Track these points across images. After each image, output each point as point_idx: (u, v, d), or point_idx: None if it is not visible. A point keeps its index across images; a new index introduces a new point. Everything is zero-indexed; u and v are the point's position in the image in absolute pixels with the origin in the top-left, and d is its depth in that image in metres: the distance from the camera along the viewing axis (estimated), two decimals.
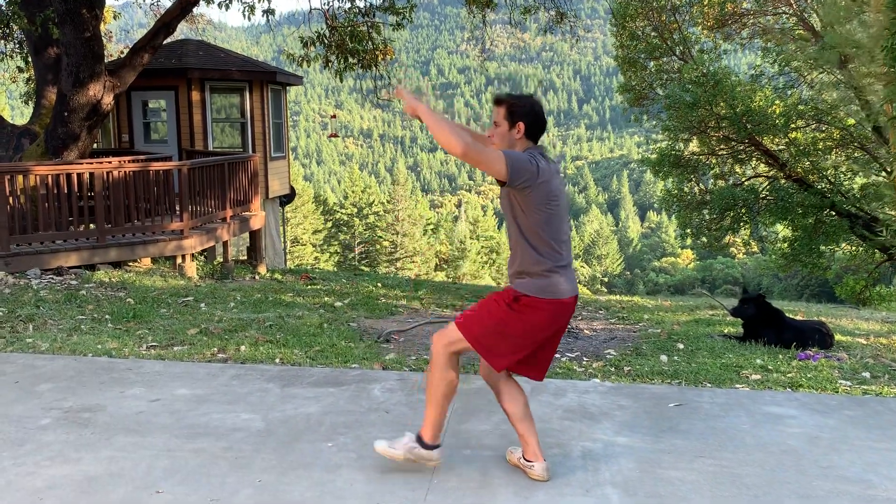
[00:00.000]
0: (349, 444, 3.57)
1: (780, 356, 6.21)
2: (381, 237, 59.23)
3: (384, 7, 12.19)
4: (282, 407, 4.06)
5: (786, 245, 21.43)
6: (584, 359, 6.26)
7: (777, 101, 19.95)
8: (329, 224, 60.89)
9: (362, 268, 53.69)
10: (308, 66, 11.42)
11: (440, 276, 51.47)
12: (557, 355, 6.41)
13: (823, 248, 20.47)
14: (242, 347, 5.95)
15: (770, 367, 5.79)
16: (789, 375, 5.52)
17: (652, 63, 22.18)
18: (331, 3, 12.30)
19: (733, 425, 3.88)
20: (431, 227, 63.19)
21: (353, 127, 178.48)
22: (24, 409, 3.99)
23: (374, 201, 62.18)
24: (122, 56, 14.66)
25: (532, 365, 3.24)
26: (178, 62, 14.72)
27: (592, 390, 4.44)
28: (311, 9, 10.96)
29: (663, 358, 6.12)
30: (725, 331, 7.42)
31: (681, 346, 6.66)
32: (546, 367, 3.28)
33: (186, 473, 3.25)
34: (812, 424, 3.90)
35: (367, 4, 12.51)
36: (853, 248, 21.41)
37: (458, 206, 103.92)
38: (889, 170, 19.25)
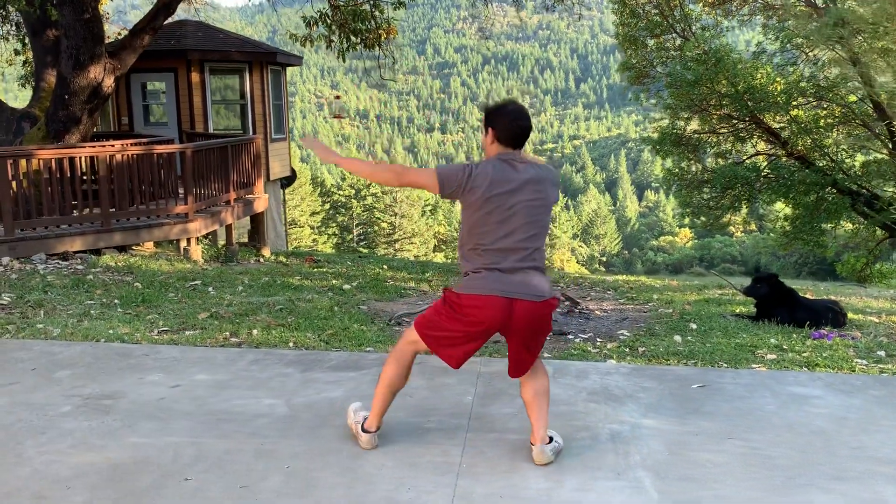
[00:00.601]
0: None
1: (795, 335, 6.20)
2: (379, 218, 59.15)
3: None
4: (304, 392, 4.02)
5: (787, 223, 21.41)
6: (598, 339, 6.24)
7: (778, 79, 19.84)
8: (327, 206, 60.74)
9: (361, 249, 53.59)
10: (312, 46, 11.30)
11: (439, 258, 51.48)
12: (571, 336, 6.40)
13: (825, 225, 20.45)
14: (255, 331, 5.92)
15: (785, 347, 5.77)
16: (805, 355, 5.51)
17: (652, 41, 22.01)
18: None
19: (759, 406, 3.86)
20: (430, 207, 63.08)
21: (349, 107, 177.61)
22: (44, 396, 3.96)
23: (370, 183, 61.98)
24: (120, 38, 14.51)
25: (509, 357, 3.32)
26: (177, 44, 14.57)
27: (615, 372, 4.41)
28: None
29: (677, 338, 6.10)
30: (737, 310, 7.40)
31: (693, 326, 6.64)
32: (512, 365, 3.28)
33: (213, 460, 3.22)
34: (838, 405, 3.88)
35: None
36: (854, 225, 21.40)
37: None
38: (891, 146, 19.18)
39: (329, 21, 11.36)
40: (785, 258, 37.69)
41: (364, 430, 3.36)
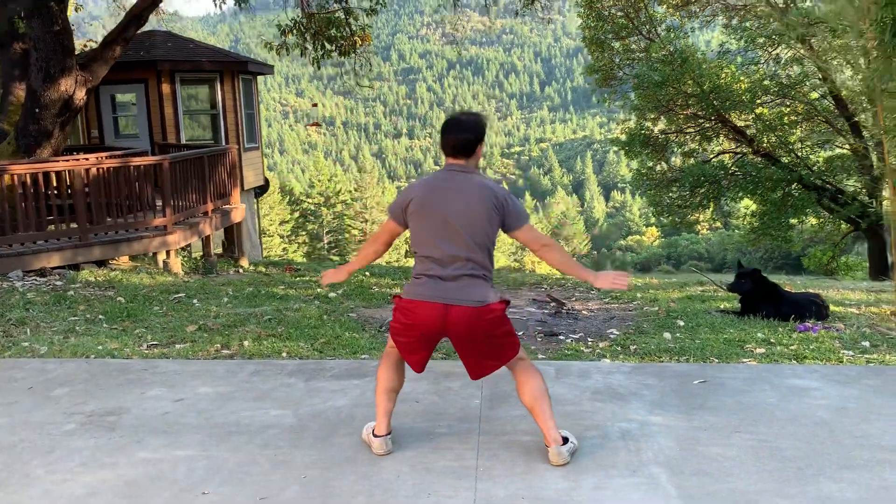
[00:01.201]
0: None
1: (780, 329, 6.32)
2: (349, 226, 58.92)
3: None
4: (310, 401, 4.01)
5: (755, 219, 21.78)
6: (589, 339, 6.30)
7: (742, 78, 20.20)
8: (296, 214, 60.33)
9: (332, 258, 53.36)
10: (288, 55, 11.25)
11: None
12: (562, 336, 6.45)
13: (792, 221, 20.84)
14: (246, 342, 5.88)
15: (773, 341, 5.88)
16: (792, 348, 5.62)
17: (618, 43, 22.28)
18: None
19: (761, 400, 3.94)
20: None
21: (313, 116, 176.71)
22: (44, 415, 3.89)
23: (340, 190, 61.75)
24: (87, 49, 14.31)
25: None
26: (146, 54, 14.40)
27: (616, 371, 4.47)
28: None
29: (667, 335, 6.18)
30: (721, 306, 7.51)
31: (681, 322, 6.74)
32: (468, 369, 3.32)
33: (228, 473, 3.20)
34: (836, 395, 3.97)
35: None
36: (819, 220, 21.84)
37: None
38: (853, 141, 19.62)
39: (303, 29, 11.32)
40: (751, 254, 38.32)
41: (375, 436, 3.37)
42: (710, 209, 23.10)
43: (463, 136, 3.22)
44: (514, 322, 7.02)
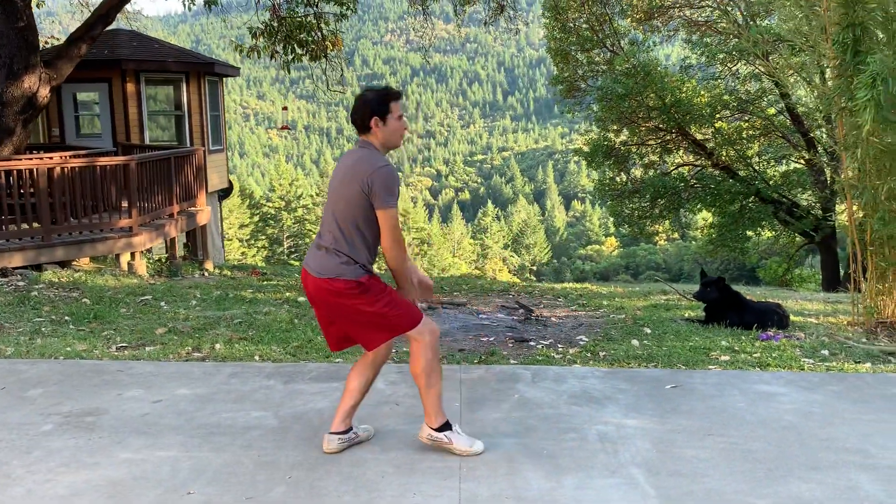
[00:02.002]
0: (370, 438, 3.58)
1: (744, 337, 6.50)
2: (311, 230, 58.52)
3: None
4: (290, 403, 4.03)
5: (713, 231, 22.24)
6: (559, 345, 6.40)
7: (703, 92, 20.67)
8: (256, 218, 59.76)
9: (292, 262, 52.92)
10: (259, 58, 11.21)
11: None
12: (532, 342, 6.55)
13: (749, 233, 21.34)
14: (217, 345, 5.86)
15: (736, 349, 6.05)
16: (755, 356, 5.79)
17: (583, 55, 22.59)
18: None
19: (730, 404, 4.07)
20: None
21: (275, 118, 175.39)
22: (20, 415, 3.85)
23: (302, 194, 61.37)
24: (47, 46, 14.06)
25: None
26: (111, 53, 14.20)
27: (591, 375, 4.57)
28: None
29: (635, 342, 6.32)
30: (686, 315, 7.69)
31: (648, 330, 6.88)
32: (329, 342, 3.50)
33: (213, 473, 3.21)
34: (802, 400, 4.13)
35: None
36: (774, 232, 22.41)
37: None
38: (808, 156, 20.19)
39: (274, 32, 11.30)
40: (707, 265, 39.07)
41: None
42: (669, 220, 23.56)
43: (355, 113, 3.29)
44: (484, 328, 7.14)
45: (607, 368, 4.86)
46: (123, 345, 5.91)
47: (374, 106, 3.25)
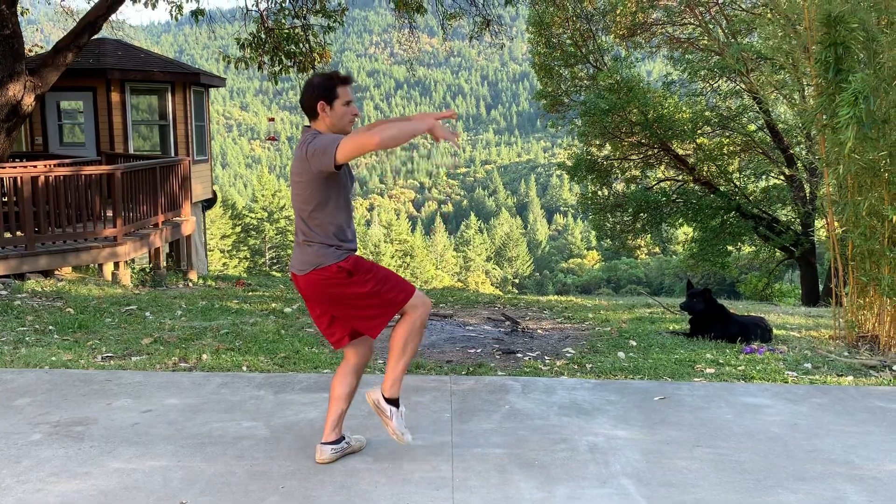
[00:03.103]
0: (362, 448, 3.59)
1: (728, 350, 6.57)
2: (292, 242, 58.25)
3: (315, 10, 12.10)
4: (281, 413, 4.03)
5: (695, 245, 22.43)
6: (546, 357, 6.44)
7: (685, 108, 20.91)
8: (238, 229, 59.45)
9: (273, 273, 52.69)
10: (246, 68, 11.21)
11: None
12: (520, 354, 6.58)
13: (730, 247, 21.55)
14: (204, 356, 5.83)
15: (721, 361, 6.12)
16: (740, 368, 5.86)
17: (567, 70, 22.80)
18: (262, 5, 12.12)
19: (718, 416, 4.12)
20: None
21: (258, 129, 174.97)
22: (7, 424, 3.81)
23: (284, 205, 61.13)
24: (31, 54, 13.98)
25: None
26: (96, 62, 14.16)
27: (580, 387, 4.61)
28: (246, 9, 10.76)
29: (620, 355, 6.37)
30: (671, 328, 7.76)
31: (633, 343, 6.94)
32: (331, 341, 3.50)
33: (205, 483, 3.20)
34: (788, 412, 4.19)
35: (299, 6, 12.38)
36: (753, 248, 22.65)
37: (370, 209, 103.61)
38: (786, 172, 20.46)
39: (262, 43, 11.32)
40: (688, 279, 39.34)
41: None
42: (650, 234, 23.73)
43: (303, 98, 3.27)
44: (471, 339, 7.17)
45: (596, 380, 4.90)
46: (109, 355, 5.87)
47: (321, 91, 3.22)
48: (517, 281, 75.18)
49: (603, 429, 3.89)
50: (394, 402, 3.37)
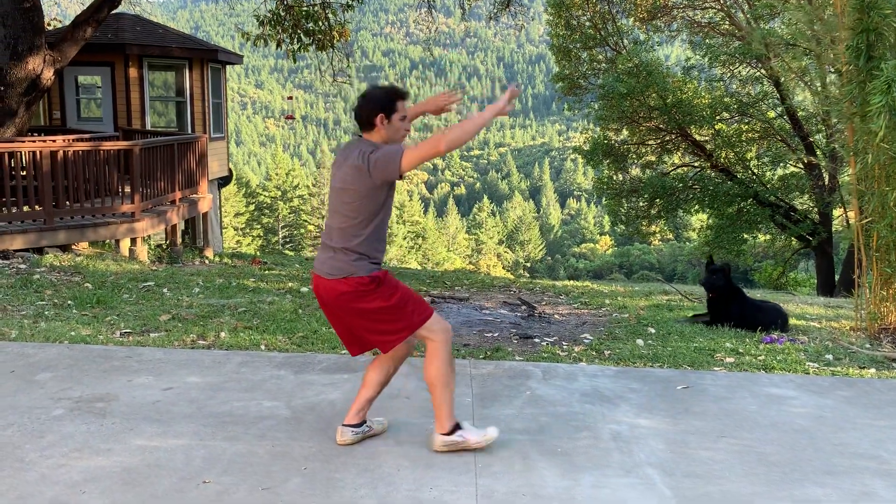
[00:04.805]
0: (385, 431, 3.57)
1: (748, 340, 6.51)
2: (306, 221, 58.40)
3: None
4: (302, 394, 4.01)
5: (710, 232, 22.27)
6: (564, 343, 6.40)
7: (704, 94, 20.68)
8: (251, 207, 59.62)
9: (286, 252, 52.86)
10: (265, 46, 11.15)
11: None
12: (537, 339, 6.54)
13: (746, 236, 21.37)
14: (222, 334, 5.83)
15: (741, 351, 6.06)
16: (760, 358, 5.80)
17: (586, 53, 22.57)
18: None
19: (742, 406, 4.07)
20: None
21: (273, 108, 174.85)
22: (29, 399, 3.82)
23: (298, 184, 61.23)
24: (50, 28, 13.96)
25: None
26: (114, 37, 14.11)
27: (601, 374, 4.57)
28: None
29: (639, 342, 6.32)
30: (690, 315, 7.69)
31: (652, 330, 6.88)
32: (350, 349, 3.47)
33: (227, 462, 3.19)
34: (813, 405, 4.14)
35: None
36: (769, 236, 22.47)
37: None
38: (805, 161, 20.24)
39: (281, 20, 11.24)
40: (700, 266, 39.10)
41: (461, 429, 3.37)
42: (665, 221, 23.57)
43: (361, 110, 3.27)
44: (487, 323, 7.13)
45: (618, 367, 4.86)
46: (127, 331, 5.88)
47: (381, 104, 3.23)
48: (528, 265, 75.08)
49: (626, 417, 3.86)
50: (454, 429, 3.35)
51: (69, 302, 6.83)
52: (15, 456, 3.19)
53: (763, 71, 19.94)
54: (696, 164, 22.30)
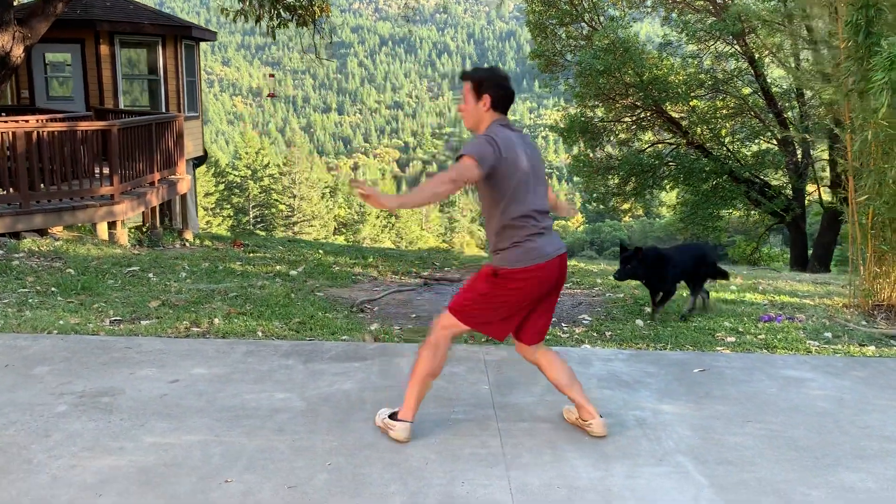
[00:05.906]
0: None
1: (746, 319, 6.50)
2: (277, 200, 57.71)
3: None
4: (314, 384, 3.88)
5: (684, 208, 22.39)
6: (563, 324, 6.34)
7: (679, 70, 20.68)
8: (221, 187, 58.69)
9: (258, 232, 52.26)
10: (245, 21, 10.83)
11: (340, 240, 50.83)
12: None
13: (722, 212, 21.53)
14: (216, 320, 5.66)
15: (741, 330, 6.04)
16: (760, 337, 5.79)
17: (562, 29, 22.42)
18: None
19: (761, 389, 4.03)
20: (329, 190, 62.17)
21: (241, 85, 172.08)
22: (29, 395, 3.64)
23: (268, 163, 60.39)
24: (21, 3, 13.45)
25: (523, 329, 3.33)
26: (83, 13, 13.65)
27: (614, 358, 4.50)
28: None
29: (639, 322, 6.27)
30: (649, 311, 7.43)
31: (648, 310, 6.84)
32: (536, 331, 3.36)
33: (248, 459, 3.06)
34: (831, 386, 4.11)
35: None
36: (742, 212, 22.67)
37: (354, 168, 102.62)
38: (780, 137, 20.38)
39: None
40: (671, 242, 39.45)
41: (401, 420, 3.27)
42: (639, 197, 23.62)
43: (512, 96, 3.25)
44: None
45: (630, 351, 4.79)
46: (117, 318, 5.69)
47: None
48: None
49: (648, 403, 3.79)
50: (399, 419, 3.30)
51: (53, 289, 6.60)
52: (22, 457, 3.02)
53: (738, 47, 19.96)
54: (671, 141, 22.36)
